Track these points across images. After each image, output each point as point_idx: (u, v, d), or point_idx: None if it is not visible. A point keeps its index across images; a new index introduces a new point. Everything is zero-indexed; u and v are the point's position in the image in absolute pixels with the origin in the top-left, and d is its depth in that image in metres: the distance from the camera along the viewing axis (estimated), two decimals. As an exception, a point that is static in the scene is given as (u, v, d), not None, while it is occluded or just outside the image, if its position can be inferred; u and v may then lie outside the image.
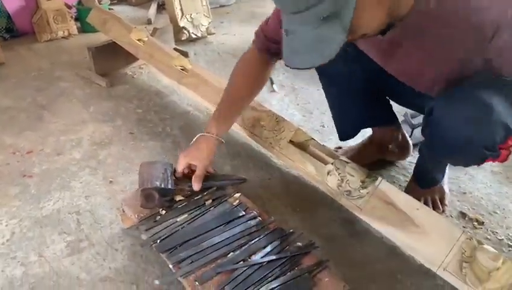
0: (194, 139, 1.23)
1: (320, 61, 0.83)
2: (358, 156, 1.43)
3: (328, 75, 1.33)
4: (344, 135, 1.47)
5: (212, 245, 1.06)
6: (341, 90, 1.34)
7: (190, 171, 1.21)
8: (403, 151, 1.50)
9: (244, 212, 1.15)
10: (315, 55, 0.83)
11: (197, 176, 1.18)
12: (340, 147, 1.57)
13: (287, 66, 0.87)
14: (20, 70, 2.25)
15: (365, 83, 1.29)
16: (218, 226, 1.11)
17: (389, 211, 1.04)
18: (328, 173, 1.17)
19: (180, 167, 1.19)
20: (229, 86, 1.27)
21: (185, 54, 2.15)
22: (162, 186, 1.13)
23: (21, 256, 1.19)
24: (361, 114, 1.40)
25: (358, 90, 1.32)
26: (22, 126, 1.77)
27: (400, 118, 1.73)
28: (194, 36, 2.56)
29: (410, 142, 1.51)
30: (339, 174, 1.15)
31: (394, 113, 1.44)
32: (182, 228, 1.11)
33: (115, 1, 3.25)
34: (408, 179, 1.42)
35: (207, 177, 1.21)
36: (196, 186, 1.18)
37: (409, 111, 1.69)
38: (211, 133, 1.21)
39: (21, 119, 1.83)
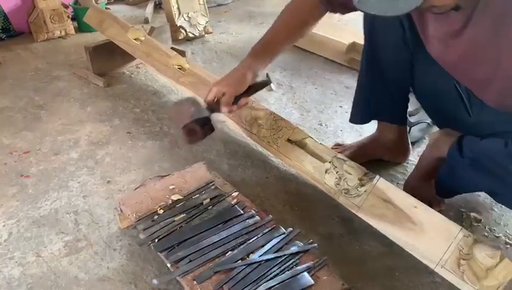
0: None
1: (390, 12, 0.82)
2: (357, 155, 1.43)
3: (380, 53, 1.30)
4: (358, 118, 1.47)
5: (210, 244, 1.06)
6: (384, 73, 1.33)
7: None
8: (403, 153, 1.51)
9: (242, 211, 1.15)
10: (387, 4, 0.82)
11: (224, 102, 1.18)
12: (339, 144, 1.57)
13: (357, 8, 0.86)
14: (17, 70, 2.24)
15: (408, 75, 1.30)
16: (216, 225, 1.11)
17: (387, 209, 1.04)
18: (326, 171, 1.18)
19: (210, 95, 1.19)
20: (275, 23, 1.26)
21: (182, 53, 2.14)
22: (195, 118, 1.14)
23: (19, 256, 1.18)
24: (387, 104, 1.39)
25: (399, 80, 1.32)
26: (19, 126, 1.77)
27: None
28: (191, 35, 2.56)
29: (410, 146, 1.51)
30: (337, 172, 1.15)
31: (407, 114, 1.46)
32: (179, 227, 1.11)
33: (112, 0, 3.24)
34: (406, 177, 1.42)
35: (235, 97, 1.20)
36: (224, 109, 1.17)
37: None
38: (245, 63, 1.21)
39: (18, 119, 1.82)
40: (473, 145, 1.11)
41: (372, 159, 1.47)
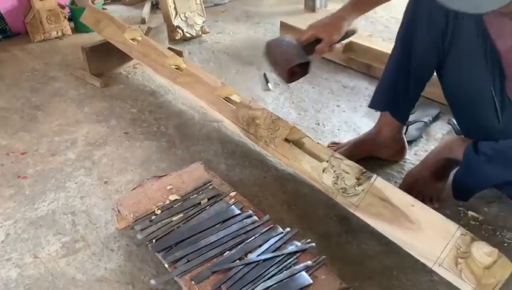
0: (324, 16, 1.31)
1: (473, 9, 0.83)
2: (353, 151, 1.45)
3: (414, 45, 1.30)
4: (377, 105, 1.48)
5: (208, 244, 1.06)
6: (411, 65, 1.33)
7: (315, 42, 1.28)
8: (400, 152, 1.51)
9: (239, 211, 1.15)
10: (471, 2, 0.83)
11: (319, 49, 1.27)
12: (335, 143, 1.57)
13: (439, 2, 0.87)
14: (13, 70, 2.24)
15: (431, 75, 1.34)
16: (214, 225, 1.11)
17: (384, 208, 1.04)
18: (323, 171, 1.17)
19: (305, 36, 1.27)
20: None
21: (179, 53, 2.14)
22: (301, 61, 1.25)
23: (16, 257, 1.18)
24: (401, 95, 1.39)
25: (422, 76, 1.34)
26: (16, 127, 1.76)
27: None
28: (188, 35, 2.55)
29: (407, 145, 1.52)
30: (334, 171, 1.15)
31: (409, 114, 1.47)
32: (177, 228, 1.11)
33: (109, 0, 3.23)
34: (403, 176, 1.42)
35: None
36: (317, 56, 1.28)
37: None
38: (344, 12, 1.26)
39: (15, 120, 1.82)
40: (492, 145, 1.14)
41: (369, 156, 1.48)
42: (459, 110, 1.34)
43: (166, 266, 1.03)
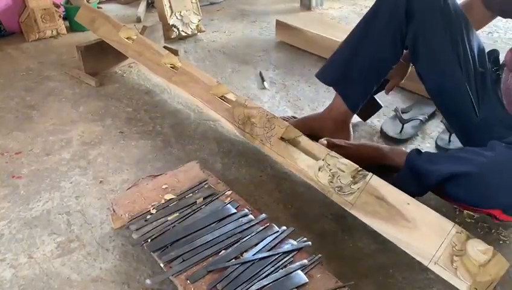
0: None
1: None
2: (300, 125, 1.44)
3: (379, 33, 1.34)
4: (323, 76, 1.50)
5: (204, 243, 1.05)
6: (371, 54, 1.36)
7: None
8: (344, 138, 1.47)
9: (235, 210, 1.15)
10: None
11: (388, 88, 1.49)
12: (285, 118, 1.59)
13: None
14: (8, 70, 2.23)
15: (386, 73, 1.42)
16: (210, 224, 1.11)
17: (380, 206, 1.04)
18: (319, 169, 1.17)
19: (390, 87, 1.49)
20: None
21: (174, 52, 2.13)
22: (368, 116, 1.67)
23: (10, 258, 1.17)
24: (356, 80, 1.41)
25: (378, 68, 1.39)
26: (10, 127, 1.75)
27: (391, 114, 1.74)
28: (183, 34, 2.55)
29: (352, 136, 1.52)
30: (330, 170, 1.15)
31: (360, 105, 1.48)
32: (173, 227, 1.11)
33: (104, -1, 3.22)
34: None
35: None
36: (385, 92, 1.51)
37: (400, 106, 1.70)
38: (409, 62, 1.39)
39: (9, 119, 1.81)
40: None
41: (311, 133, 1.43)
42: (442, 108, 1.37)
43: (161, 265, 1.02)
